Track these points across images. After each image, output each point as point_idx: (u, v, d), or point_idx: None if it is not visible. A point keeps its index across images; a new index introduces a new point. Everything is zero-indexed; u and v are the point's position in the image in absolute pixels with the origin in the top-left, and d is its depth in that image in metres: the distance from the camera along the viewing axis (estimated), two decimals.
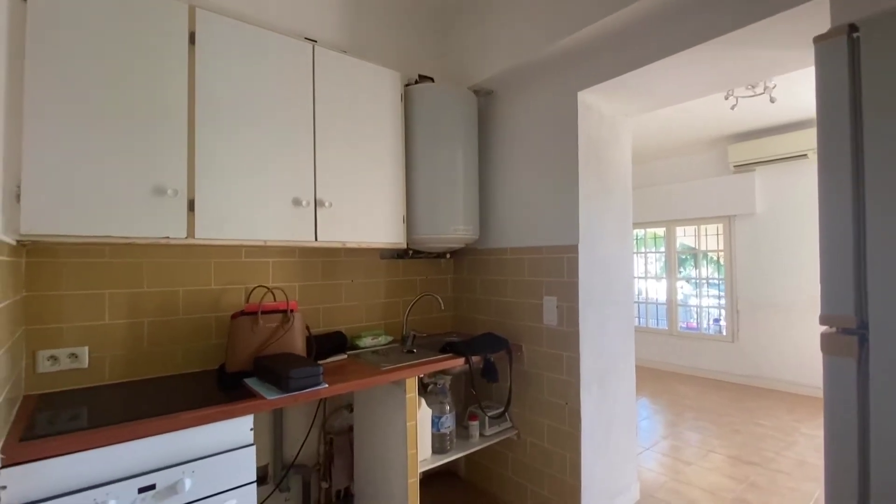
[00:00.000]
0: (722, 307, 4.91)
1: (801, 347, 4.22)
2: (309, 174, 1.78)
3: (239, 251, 1.90)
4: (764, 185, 4.50)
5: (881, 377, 0.63)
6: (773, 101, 3.26)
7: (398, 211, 2.09)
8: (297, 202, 1.74)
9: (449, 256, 2.60)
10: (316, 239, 1.81)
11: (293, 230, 1.74)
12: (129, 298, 1.65)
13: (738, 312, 4.68)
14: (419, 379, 1.86)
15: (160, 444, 1.20)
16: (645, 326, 5.58)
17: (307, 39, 1.83)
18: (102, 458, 1.12)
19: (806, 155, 4.09)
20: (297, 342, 1.74)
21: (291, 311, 1.74)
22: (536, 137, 2.22)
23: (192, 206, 1.50)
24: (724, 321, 4.88)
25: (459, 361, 1.95)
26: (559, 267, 2.09)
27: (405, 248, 2.21)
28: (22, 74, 1.24)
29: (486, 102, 2.49)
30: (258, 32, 1.68)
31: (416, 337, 2.26)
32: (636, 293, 5.74)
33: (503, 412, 2.21)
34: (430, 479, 2.54)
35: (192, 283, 1.78)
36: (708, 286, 5.19)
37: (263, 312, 1.69)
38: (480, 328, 2.49)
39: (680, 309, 5.31)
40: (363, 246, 1.97)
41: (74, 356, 1.53)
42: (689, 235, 5.36)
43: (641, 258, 5.80)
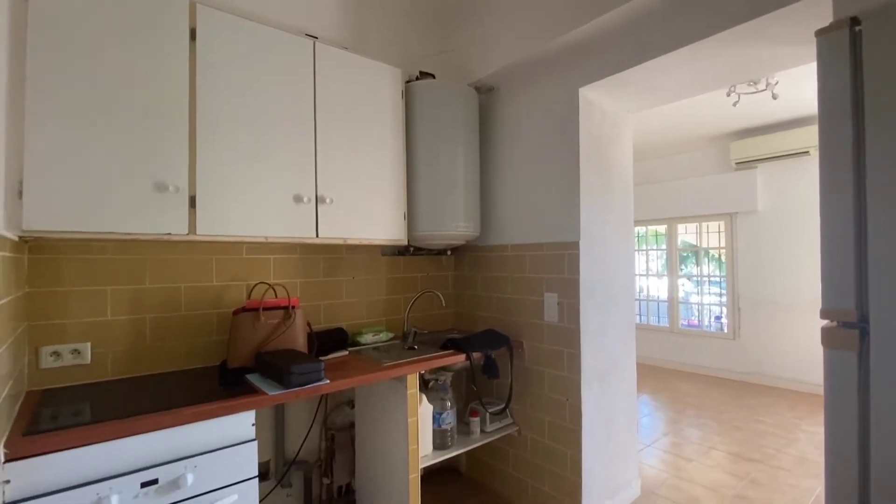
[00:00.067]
0: (723, 304, 4.91)
1: (802, 345, 4.22)
2: (310, 171, 1.79)
3: (240, 248, 1.91)
4: (766, 182, 4.49)
5: (882, 370, 0.63)
6: (775, 97, 3.25)
7: (399, 207, 2.10)
8: (298, 199, 1.75)
9: (450, 253, 2.60)
10: (317, 235, 1.81)
11: (294, 227, 1.74)
12: (131, 295, 1.65)
13: (739, 310, 4.68)
14: (420, 375, 1.87)
15: (162, 439, 1.21)
16: (646, 324, 5.58)
17: (308, 36, 1.83)
18: (105, 452, 1.13)
19: (808, 152, 4.08)
20: (298, 338, 1.74)
21: (293, 307, 1.75)
22: (538, 134, 2.21)
23: (193, 202, 1.50)
24: (725, 318, 4.87)
25: (460, 358, 1.95)
26: (560, 264, 2.09)
27: (406, 244, 2.21)
28: (24, 71, 1.25)
29: (487, 99, 2.48)
30: (259, 29, 1.68)
31: (417, 334, 2.26)
32: (637, 291, 5.73)
33: (504, 408, 2.22)
34: (431, 474, 2.55)
35: (193, 279, 1.79)
36: (709, 284, 5.18)
37: (265, 309, 1.69)
38: (481, 325, 2.49)
39: (681, 306, 5.31)
40: (364, 242, 1.98)
41: (77, 352, 1.54)
42: (690, 233, 5.35)
43: (643, 255, 5.80)
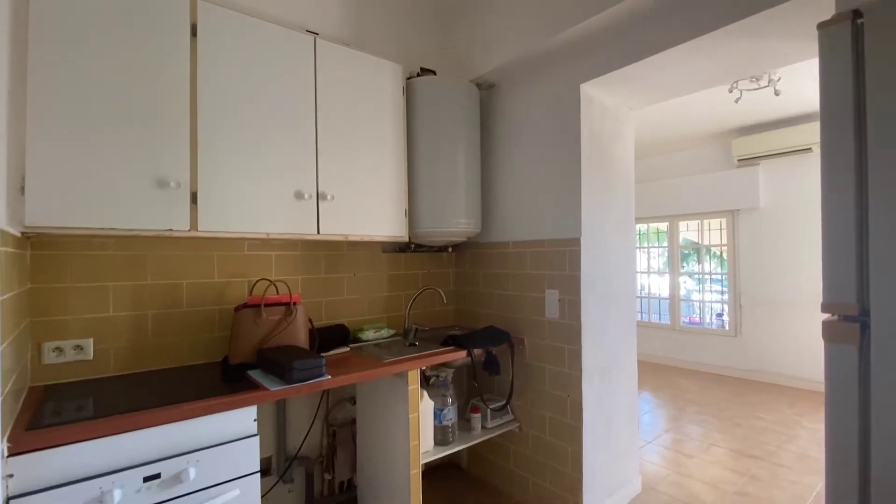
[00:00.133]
0: (725, 302, 4.90)
1: (803, 342, 4.21)
2: (311, 167, 1.79)
3: (242, 244, 1.91)
4: (768, 179, 4.48)
5: (882, 364, 0.63)
6: (777, 93, 3.24)
7: (400, 204, 2.10)
8: (299, 195, 1.75)
9: (451, 250, 2.60)
10: (318, 232, 1.81)
11: (295, 223, 1.75)
12: (133, 291, 1.66)
13: (740, 307, 4.67)
14: (421, 371, 1.87)
15: (165, 433, 1.21)
16: (647, 321, 5.57)
17: (309, 32, 1.83)
18: (108, 447, 1.13)
19: (810, 149, 4.06)
20: (299, 335, 1.74)
21: (294, 303, 1.75)
22: (539, 130, 2.21)
23: (194, 198, 1.50)
24: (726, 316, 4.87)
25: (461, 354, 1.95)
26: (561, 260, 2.09)
27: (407, 241, 2.21)
28: (25, 68, 1.25)
29: (488, 95, 2.48)
30: (260, 25, 1.67)
31: (418, 330, 2.27)
32: (639, 288, 5.73)
33: (505, 405, 2.22)
34: (432, 470, 2.55)
35: (195, 275, 1.79)
36: (711, 282, 5.17)
37: (266, 305, 1.70)
38: (482, 322, 2.49)
39: (682, 304, 5.30)
40: (365, 239, 1.98)
41: (79, 348, 1.54)
42: (692, 230, 5.34)
43: (644, 253, 5.79)
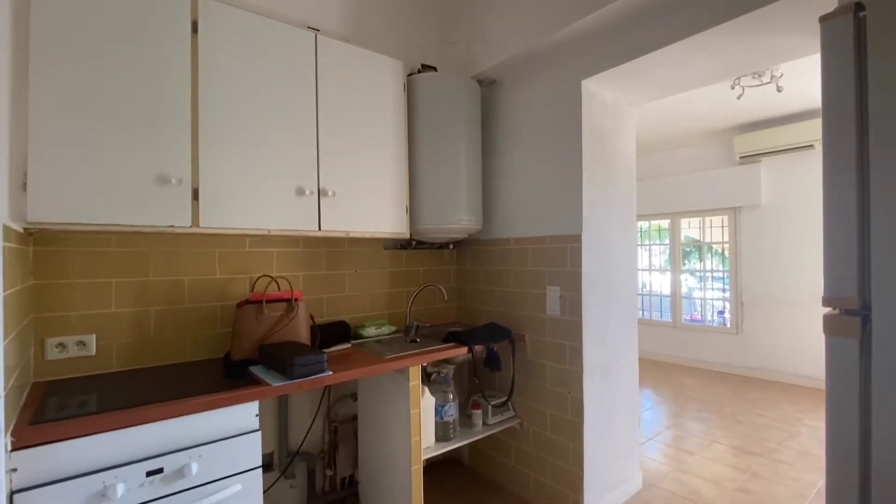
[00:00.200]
0: (726, 299, 4.89)
1: (805, 339, 4.21)
2: (312, 163, 1.79)
3: (243, 241, 1.91)
4: (770, 176, 4.46)
5: (883, 358, 0.63)
6: (779, 90, 3.23)
7: (401, 201, 2.10)
8: (300, 192, 1.75)
9: (452, 247, 2.60)
10: (319, 228, 1.81)
11: (297, 219, 1.75)
12: (135, 287, 1.66)
13: (742, 304, 4.66)
14: (423, 368, 1.88)
15: (167, 428, 1.22)
16: (649, 319, 5.57)
17: (309, 28, 1.83)
18: (111, 442, 1.14)
19: (813, 145, 4.05)
20: (301, 331, 1.75)
21: (296, 300, 1.76)
22: (540, 126, 2.21)
23: (196, 194, 1.51)
24: (728, 313, 4.86)
25: (462, 350, 1.96)
26: (562, 257, 2.09)
27: (408, 238, 2.21)
28: (27, 64, 1.25)
29: (489, 92, 2.47)
30: (260, 21, 1.67)
31: (419, 327, 2.27)
32: (640, 286, 5.72)
33: (506, 401, 2.23)
34: (433, 466, 2.56)
35: (197, 272, 1.80)
36: (712, 280, 5.16)
37: (268, 301, 1.70)
38: (484, 318, 2.49)
39: (684, 301, 5.30)
40: (366, 235, 1.98)
41: (82, 344, 1.55)
42: (693, 227, 5.33)
43: (645, 251, 5.78)
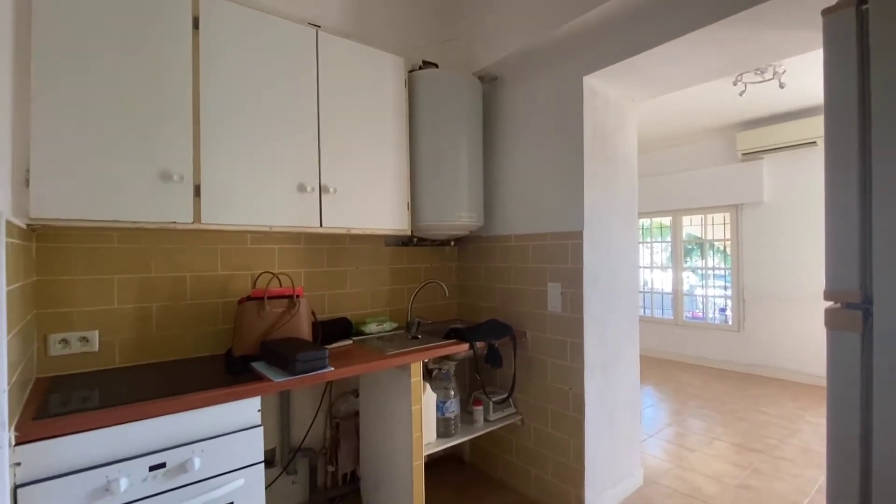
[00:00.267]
0: (728, 297, 4.89)
1: (807, 336, 4.20)
2: (313, 160, 1.79)
3: (245, 238, 1.92)
4: (772, 173, 4.45)
5: (885, 351, 0.63)
6: (782, 86, 3.22)
7: (402, 198, 2.10)
8: (301, 188, 1.75)
9: (453, 244, 2.60)
10: (321, 225, 1.81)
11: (298, 216, 1.75)
12: (137, 284, 1.67)
13: (744, 302, 4.66)
14: (424, 364, 1.88)
15: (170, 424, 1.23)
16: (650, 316, 5.57)
17: (310, 24, 1.82)
18: (114, 436, 1.14)
19: (815, 142, 4.03)
20: (303, 327, 1.75)
21: (297, 296, 1.76)
22: (541, 123, 2.20)
23: (197, 191, 1.51)
24: (729, 311, 4.86)
25: (464, 347, 1.96)
26: (564, 253, 2.09)
27: (409, 235, 2.21)
28: (29, 61, 1.25)
29: (490, 88, 2.47)
30: (261, 17, 1.67)
31: (420, 324, 2.27)
32: (642, 283, 5.72)
33: (507, 398, 2.23)
34: (434, 463, 2.57)
35: (198, 269, 1.80)
36: (714, 277, 5.16)
37: (270, 298, 1.70)
38: (485, 315, 2.50)
39: (685, 298, 5.29)
40: (368, 232, 1.98)
41: (85, 340, 1.56)
42: (695, 225, 5.33)
43: (647, 248, 5.77)
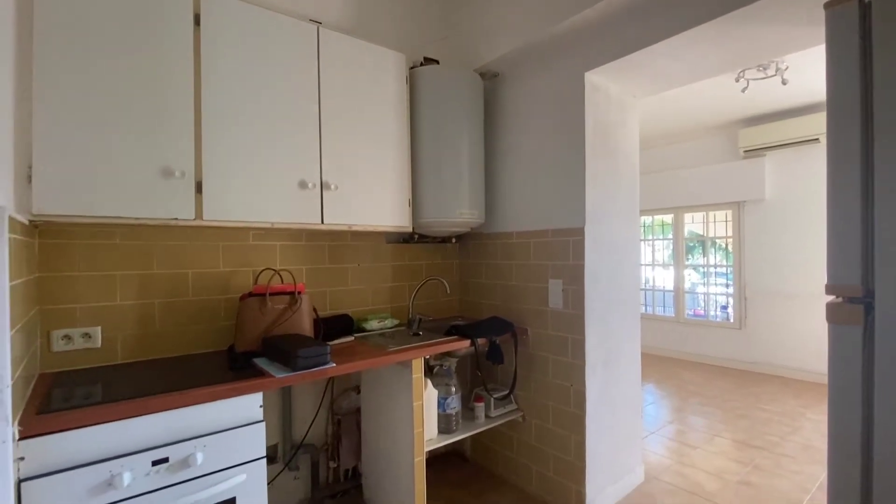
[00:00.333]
0: (729, 294, 4.88)
1: (809, 334, 4.19)
2: (315, 156, 1.79)
3: (246, 234, 1.92)
4: (774, 170, 4.44)
5: (886, 345, 0.62)
6: (784, 82, 3.20)
7: (404, 194, 2.10)
8: (303, 185, 1.75)
9: (455, 241, 2.60)
10: (322, 221, 1.82)
11: (299, 212, 1.75)
12: (139, 280, 1.67)
13: (745, 299, 4.65)
14: (425, 361, 1.88)
15: (173, 419, 1.23)
16: (652, 314, 5.56)
17: (312, 21, 1.82)
18: (117, 431, 1.15)
19: (818, 139, 4.01)
20: (304, 323, 1.76)
21: (299, 292, 1.76)
22: (543, 119, 2.20)
23: (199, 187, 1.51)
24: (731, 308, 4.85)
25: (465, 344, 1.96)
26: (565, 250, 2.08)
27: (411, 231, 2.21)
28: (31, 57, 1.25)
29: (492, 85, 2.46)
30: (263, 14, 1.67)
31: (422, 321, 2.28)
32: (643, 280, 5.71)
33: (508, 394, 2.23)
34: (436, 459, 2.58)
35: (200, 265, 1.80)
36: (716, 275, 5.15)
37: (271, 294, 1.71)
38: (486, 312, 2.50)
39: (687, 296, 5.29)
40: (369, 229, 1.98)
41: (88, 336, 1.56)
42: (697, 222, 5.31)
43: (649, 246, 5.76)
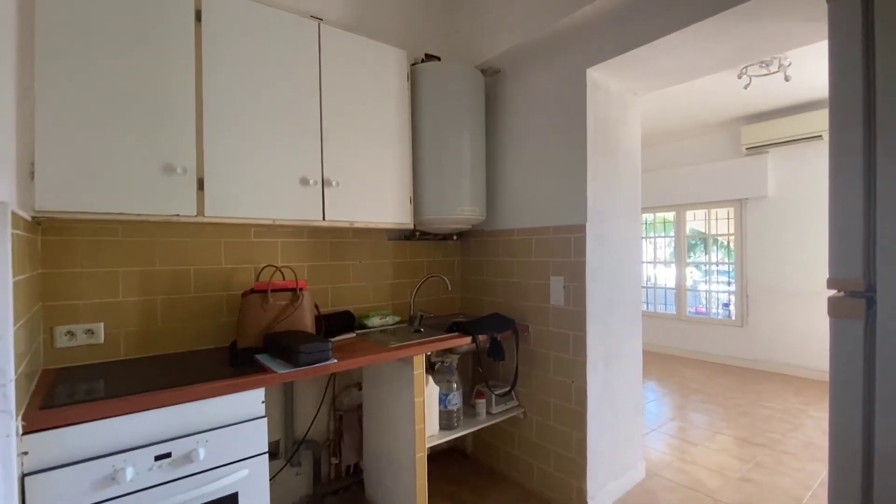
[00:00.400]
0: (731, 292, 4.87)
1: (810, 331, 4.19)
2: (316, 153, 1.79)
3: (248, 231, 1.92)
4: (777, 167, 4.42)
5: (888, 339, 0.62)
6: (787, 79, 3.19)
7: (405, 191, 2.10)
8: (304, 181, 1.75)
9: (456, 238, 2.60)
10: (324, 218, 1.82)
11: (301, 209, 1.75)
12: (142, 277, 1.68)
13: (747, 297, 4.64)
14: (427, 357, 1.89)
15: (175, 414, 1.24)
16: (653, 311, 5.56)
17: (313, 17, 1.82)
18: (120, 426, 1.16)
19: (821, 136, 4.00)
20: (306, 320, 1.76)
21: (300, 289, 1.77)
22: (544, 116, 2.19)
23: (201, 184, 1.52)
24: (733, 306, 4.84)
25: (466, 340, 1.96)
26: (567, 247, 2.08)
27: (412, 228, 2.21)
28: (33, 55, 1.26)
29: (493, 81, 2.46)
30: (264, 10, 1.67)
31: (423, 318, 2.28)
32: (645, 278, 5.71)
33: (509, 391, 2.24)
34: (437, 455, 2.58)
35: (202, 262, 1.81)
36: (718, 273, 5.13)
37: (273, 290, 1.71)
38: (488, 309, 2.50)
39: (689, 294, 5.28)
40: (370, 226, 1.98)
41: (91, 332, 1.57)
42: (699, 220, 5.30)
43: (650, 243, 5.75)
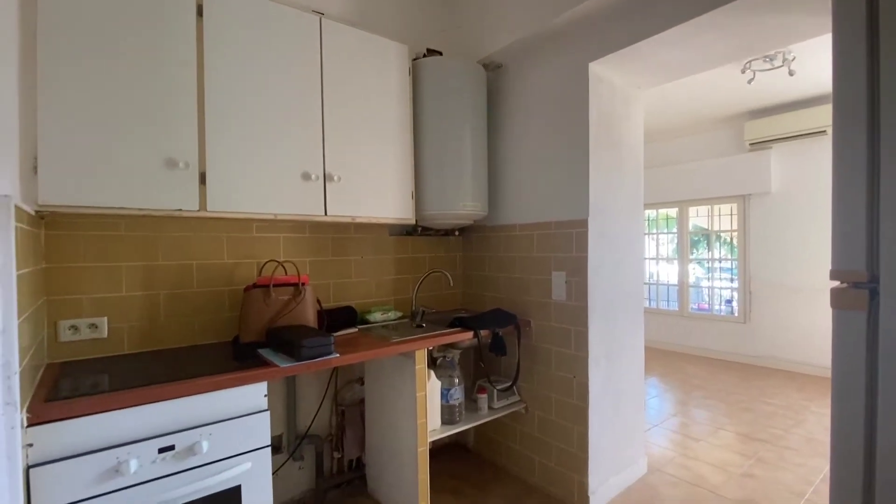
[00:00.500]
0: (734, 288, 4.86)
1: (813, 328, 4.18)
2: (318, 148, 1.79)
3: (250, 226, 1.93)
4: (780, 162, 4.40)
5: (891, 330, 0.62)
6: (791, 73, 3.17)
7: (407, 186, 2.10)
8: (306, 176, 1.75)
9: (458, 234, 2.60)
10: (325, 213, 1.82)
11: (303, 204, 1.76)
12: (144, 271, 1.68)
13: (750, 293, 4.63)
14: (429, 352, 1.89)
15: (179, 407, 1.24)
16: (656, 308, 5.55)
17: (314, 12, 1.82)
18: (124, 419, 1.16)
19: (825, 131, 3.97)
20: (308, 314, 1.77)
21: (303, 284, 1.77)
22: (546, 111, 2.19)
23: (203, 178, 1.52)
24: (735, 302, 4.83)
25: (468, 335, 1.97)
26: (568, 242, 2.08)
27: (414, 224, 2.21)
28: (35, 48, 1.26)
29: (495, 76, 2.45)
30: (265, 4, 1.67)
31: (425, 313, 2.28)
32: (647, 274, 5.69)
33: (511, 386, 2.24)
34: (439, 450, 2.59)
35: (205, 256, 1.82)
36: (720, 270, 5.12)
37: (275, 285, 1.72)
38: (490, 305, 2.50)
39: (691, 290, 5.27)
40: (372, 221, 1.98)
41: (94, 326, 1.58)
42: (702, 216, 5.28)
43: (653, 240, 5.74)
